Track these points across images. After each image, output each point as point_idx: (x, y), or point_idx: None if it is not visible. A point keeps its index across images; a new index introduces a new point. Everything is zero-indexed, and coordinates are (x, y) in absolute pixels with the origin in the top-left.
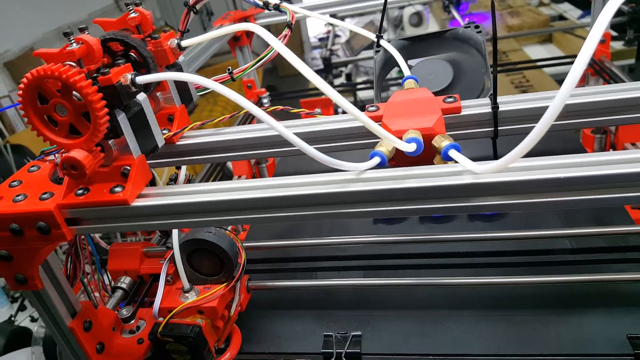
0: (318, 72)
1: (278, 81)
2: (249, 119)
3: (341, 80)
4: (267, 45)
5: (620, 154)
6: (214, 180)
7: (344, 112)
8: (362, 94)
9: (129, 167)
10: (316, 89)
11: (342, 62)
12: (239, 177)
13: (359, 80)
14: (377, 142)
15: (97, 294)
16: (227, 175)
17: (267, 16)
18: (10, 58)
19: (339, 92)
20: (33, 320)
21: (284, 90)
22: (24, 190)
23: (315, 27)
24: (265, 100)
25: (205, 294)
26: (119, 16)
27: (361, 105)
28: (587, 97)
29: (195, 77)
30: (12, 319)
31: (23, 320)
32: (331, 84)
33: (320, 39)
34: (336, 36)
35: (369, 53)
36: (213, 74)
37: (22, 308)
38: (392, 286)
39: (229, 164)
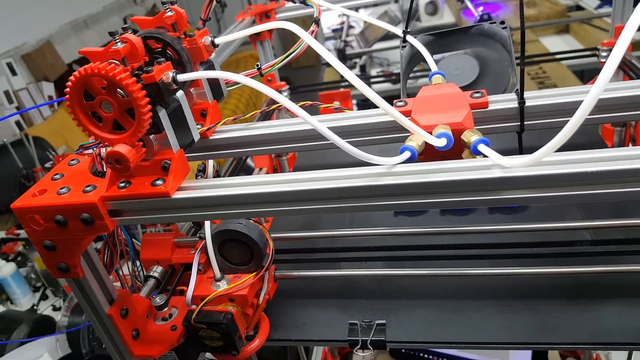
0: None
1: (292, 73)
2: (269, 113)
3: (355, 71)
4: (285, 42)
5: None
6: (234, 173)
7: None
8: (376, 87)
9: (169, 161)
10: (333, 82)
11: (356, 53)
12: (260, 170)
13: (373, 71)
14: (404, 136)
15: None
16: (244, 169)
17: (288, 10)
18: (27, 51)
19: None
20: (55, 309)
21: (297, 81)
22: (66, 183)
23: (329, 18)
24: (285, 94)
25: (235, 282)
26: (133, 9)
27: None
28: (615, 93)
29: (234, 75)
30: (35, 307)
31: (45, 309)
32: None
33: (334, 30)
34: (350, 27)
35: (383, 44)
36: (229, 64)
37: (44, 297)
38: (414, 276)
39: (249, 158)
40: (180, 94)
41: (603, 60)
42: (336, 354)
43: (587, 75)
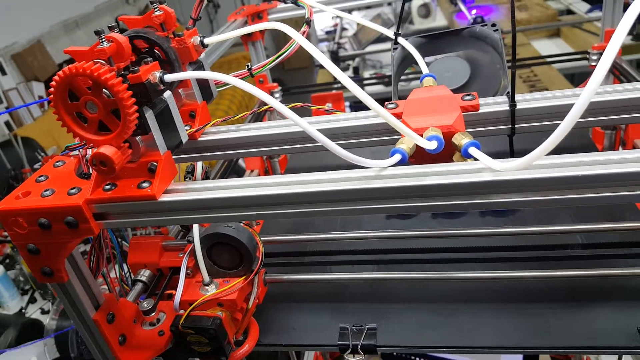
0: None
1: (285, 74)
2: (261, 115)
3: (348, 73)
4: (277, 43)
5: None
6: (225, 174)
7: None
8: (368, 90)
9: (155, 163)
10: (325, 84)
11: (349, 55)
12: (251, 171)
13: (366, 74)
14: (395, 139)
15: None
16: (236, 170)
17: (280, 11)
18: (17, 50)
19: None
20: (43, 312)
21: (290, 83)
22: (51, 185)
23: (323, 20)
24: (277, 95)
25: (224, 286)
26: (126, 9)
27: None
28: (605, 96)
29: (222, 75)
30: (23, 311)
31: (34, 312)
32: None
33: (328, 32)
34: (343, 29)
35: (377, 46)
36: (221, 65)
37: (32, 300)
38: (405, 280)
39: (241, 159)
40: (167, 94)
41: (593, 63)
42: (328, 357)
43: (577, 78)
